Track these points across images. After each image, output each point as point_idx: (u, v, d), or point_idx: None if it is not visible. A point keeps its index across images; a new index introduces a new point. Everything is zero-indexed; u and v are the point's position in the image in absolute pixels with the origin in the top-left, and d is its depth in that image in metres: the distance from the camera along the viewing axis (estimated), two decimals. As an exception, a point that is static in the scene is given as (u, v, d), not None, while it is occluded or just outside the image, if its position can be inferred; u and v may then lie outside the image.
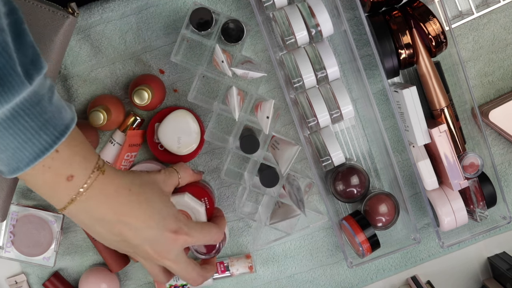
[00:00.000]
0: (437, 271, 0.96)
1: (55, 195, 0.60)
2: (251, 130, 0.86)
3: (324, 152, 0.84)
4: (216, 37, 0.81)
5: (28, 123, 0.53)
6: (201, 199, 0.80)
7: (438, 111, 0.85)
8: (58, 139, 0.56)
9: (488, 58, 0.90)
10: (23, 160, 0.55)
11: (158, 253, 0.66)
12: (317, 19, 0.79)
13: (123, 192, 0.64)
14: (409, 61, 0.83)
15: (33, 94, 0.53)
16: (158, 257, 0.67)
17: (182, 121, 0.85)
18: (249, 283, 0.95)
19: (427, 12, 0.81)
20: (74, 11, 0.76)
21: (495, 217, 0.89)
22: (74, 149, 0.59)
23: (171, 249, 0.67)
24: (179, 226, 0.67)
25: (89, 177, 0.61)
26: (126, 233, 0.64)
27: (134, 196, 0.65)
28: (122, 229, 0.64)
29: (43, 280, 0.92)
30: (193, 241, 0.69)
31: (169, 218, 0.67)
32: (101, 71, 0.88)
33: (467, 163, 0.85)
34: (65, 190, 0.60)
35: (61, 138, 0.56)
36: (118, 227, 0.64)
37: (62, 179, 0.59)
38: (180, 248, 0.68)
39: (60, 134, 0.56)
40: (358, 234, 0.85)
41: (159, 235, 0.65)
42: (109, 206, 0.63)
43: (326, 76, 0.82)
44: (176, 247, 0.67)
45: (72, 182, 0.59)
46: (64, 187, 0.60)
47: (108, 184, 0.63)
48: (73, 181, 0.60)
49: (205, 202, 0.81)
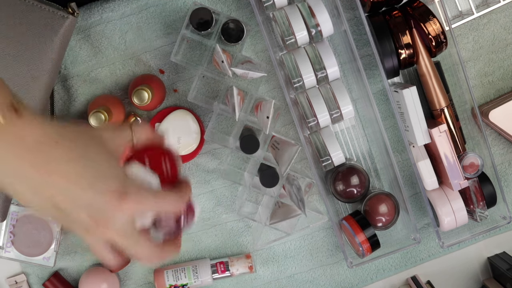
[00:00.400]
0: (437, 271, 0.96)
1: None
2: (251, 130, 0.86)
3: (324, 152, 0.84)
4: (216, 37, 0.81)
5: None
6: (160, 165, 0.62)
7: (438, 111, 0.85)
8: None
9: (488, 58, 0.90)
10: None
11: (97, 221, 0.51)
12: (317, 19, 0.79)
13: (47, 144, 0.50)
14: (409, 61, 0.83)
15: None
16: (99, 227, 0.52)
17: (182, 121, 0.85)
18: (249, 283, 0.95)
19: (427, 12, 0.81)
20: (74, 11, 0.76)
21: (495, 217, 0.89)
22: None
23: (115, 216, 0.52)
24: (125, 188, 0.52)
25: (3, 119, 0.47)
26: (56, 196, 0.50)
27: (62, 150, 0.51)
28: (50, 191, 0.50)
29: (43, 280, 0.92)
30: (142, 208, 0.54)
31: (111, 179, 0.52)
32: (101, 71, 0.88)
33: (467, 163, 0.85)
34: None
35: None
36: (45, 188, 0.50)
37: None
38: (126, 216, 0.52)
39: None
40: (358, 234, 0.85)
41: (97, 198, 0.51)
42: (28, 160, 0.49)
43: (326, 76, 0.82)
44: (121, 214, 0.52)
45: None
46: None
47: (27, 131, 0.49)
48: None
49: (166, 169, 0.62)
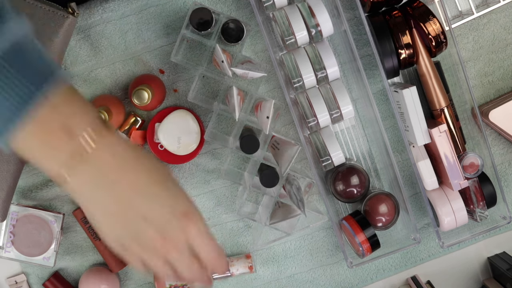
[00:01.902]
0: (437, 271, 0.96)
1: (56, 154, 0.51)
2: (251, 130, 0.86)
3: (324, 152, 0.84)
4: (216, 37, 0.81)
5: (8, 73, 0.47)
6: None
7: (438, 111, 0.85)
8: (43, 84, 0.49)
9: (488, 58, 0.90)
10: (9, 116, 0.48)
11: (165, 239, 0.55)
12: (317, 19, 0.79)
13: (132, 158, 0.54)
14: (409, 61, 0.83)
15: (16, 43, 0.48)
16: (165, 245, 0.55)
17: (182, 121, 0.85)
18: (249, 283, 0.95)
19: (427, 12, 0.81)
20: (74, 11, 0.76)
21: (495, 217, 0.89)
22: (74, 100, 0.51)
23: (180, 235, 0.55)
24: (190, 208, 0.56)
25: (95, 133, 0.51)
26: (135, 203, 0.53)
27: (144, 165, 0.55)
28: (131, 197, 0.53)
29: (43, 280, 0.92)
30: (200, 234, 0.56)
31: (182, 201, 0.56)
32: (101, 71, 0.88)
33: (467, 163, 0.85)
34: (68, 145, 0.50)
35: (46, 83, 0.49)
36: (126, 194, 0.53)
37: (62, 133, 0.50)
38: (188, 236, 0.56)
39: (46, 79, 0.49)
40: (358, 234, 0.85)
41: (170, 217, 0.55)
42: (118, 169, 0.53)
43: (326, 76, 0.82)
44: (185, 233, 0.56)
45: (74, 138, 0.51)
46: (65, 143, 0.50)
47: (120, 144, 0.53)
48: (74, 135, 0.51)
49: None
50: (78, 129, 0.51)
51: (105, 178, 0.53)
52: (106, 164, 0.53)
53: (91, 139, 0.51)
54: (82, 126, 0.51)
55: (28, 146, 0.51)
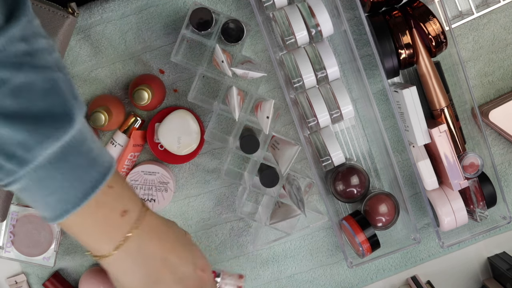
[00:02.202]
0: (437, 271, 0.96)
1: (107, 234, 0.57)
2: (251, 130, 0.86)
3: (324, 152, 0.84)
4: (216, 37, 0.81)
5: (77, 161, 0.52)
6: None
7: (438, 111, 0.85)
8: (106, 175, 0.54)
9: (488, 58, 0.90)
10: (72, 200, 0.53)
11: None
12: (317, 19, 0.79)
13: (165, 228, 0.63)
14: (409, 61, 0.83)
15: (80, 132, 0.52)
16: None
17: (182, 121, 0.85)
18: (249, 283, 0.95)
19: (427, 12, 0.81)
20: (74, 11, 0.76)
21: (495, 217, 0.89)
22: (123, 184, 0.58)
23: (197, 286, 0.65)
24: (206, 263, 0.66)
25: (141, 211, 0.59)
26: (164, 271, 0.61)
27: (173, 234, 0.63)
28: (163, 267, 0.61)
29: (43, 280, 0.92)
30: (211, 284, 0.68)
31: (198, 256, 0.66)
32: (101, 71, 0.88)
33: (467, 163, 0.85)
34: (119, 226, 0.57)
35: (108, 173, 0.54)
36: (159, 265, 0.61)
37: (117, 214, 0.56)
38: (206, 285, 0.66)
39: (107, 169, 0.54)
40: (358, 234, 0.85)
41: (192, 272, 0.64)
42: (158, 242, 0.61)
43: (326, 76, 0.82)
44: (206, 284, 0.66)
45: (126, 218, 0.57)
46: (118, 224, 0.57)
47: (155, 219, 0.61)
48: (127, 216, 0.57)
49: None
50: (133, 211, 0.58)
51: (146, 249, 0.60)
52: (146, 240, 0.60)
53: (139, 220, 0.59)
54: (136, 209, 0.58)
55: (79, 226, 0.56)
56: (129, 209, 0.57)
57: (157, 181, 0.87)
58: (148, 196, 0.88)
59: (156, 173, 0.87)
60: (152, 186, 0.88)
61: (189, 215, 0.93)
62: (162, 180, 0.87)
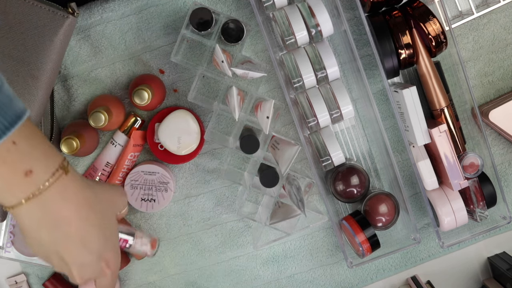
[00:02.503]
0: (437, 271, 0.96)
1: (8, 190, 0.55)
2: (251, 130, 0.86)
3: (324, 152, 0.84)
4: (216, 37, 0.81)
5: None
6: None
7: (438, 111, 0.85)
8: (8, 129, 0.51)
9: (488, 58, 0.90)
10: None
11: (82, 278, 0.63)
12: (317, 19, 0.79)
13: (86, 205, 0.60)
14: (409, 61, 0.83)
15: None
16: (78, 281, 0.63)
17: (182, 121, 0.85)
18: (249, 283, 0.95)
19: (427, 12, 0.81)
20: (74, 11, 0.76)
21: (495, 217, 0.89)
22: (33, 143, 0.55)
23: (93, 278, 0.64)
24: (113, 258, 0.64)
25: (52, 175, 0.56)
26: (66, 246, 0.60)
27: (92, 214, 0.61)
28: (67, 244, 0.60)
29: (43, 280, 0.92)
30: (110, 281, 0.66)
31: (109, 248, 0.64)
32: (101, 71, 0.88)
33: (467, 163, 0.85)
34: (21, 186, 0.55)
35: (10, 128, 0.51)
36: (63, 240, 0.59)
37: (19, 173, 0.54)
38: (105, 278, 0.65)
39: (10, 123, 0.51)
40: (358, 234, 0.85)
41: (94, 262, 0.62)
42: (68, 215, 0.59)
43: (326, 76, 0.82)
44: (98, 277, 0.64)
45: (30, 178, 0.54)
46: (20, 183, 0.54)
47: (72, 189, 0.59)
48: (32, 177, 0.54)
49: None
50: (40, 172, 0.55)
51: (51, 217, 0.58)
52: (55, 205, 0.57)
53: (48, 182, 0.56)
54: (46, 170, 0.56)
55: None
56: (36, 170, 0.55)
57: (157, 181, 0.87)
58: (148, 196, 0.88)
59: (156, 173, 0.87)
60: (152, 186, 0.88)
61: (189, 215, 0.93)
62: (162, 180, 0.87)
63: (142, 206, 0.88)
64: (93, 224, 0.61)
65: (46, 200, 0.56)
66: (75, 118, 0.89)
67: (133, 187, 0.87)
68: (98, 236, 0.62)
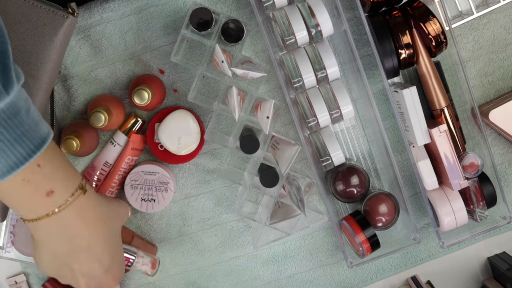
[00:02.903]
0: (437, 271, 0.96)
1: (30, 208, 0.59)
2: (251, 130, 0.86)
3: (324, 152, 0.84)
4: (216, 37, 0.81)
5: (3, 135, 0.51)
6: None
7: (438, 111, 0.85)
8: (34, 152, 0.54)
9: (488, 58, 0.90)
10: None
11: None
12: (317, 19, 0.79)
13: (99, 222, 0.64)
14: (409, 61, 0.83)
15: (11, 105, 0.51)
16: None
17: (182, 121, 0.85)
18: (249, 283, 0.95)
19: (427, 12, 0.81)
20: (74, 11, 0.76)
21: (495, 217, 0.89)
22: (55, 165, 0.58)
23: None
24: (119, 275, 0.69)
25: (71, 195, 0.60)
26: (76, 258, 0.64)
27: (104, 230, 0.65)
28: (75, 254, 0.63)
29: (43, 280, 0.92)
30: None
31: (116, 264, 0.68)
32: (101, 71, 0.88)
33: (467, 163, 0.85)
34: (43, 204, 0.59)
35: (36, 152, 0.54)
36: (76, 253, 0.63)
37: (42, 193, 0.58)
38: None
39: (36, 147, 0.54)
40: (358, 234, 0.85)
41: (102, 275, 0.66)
42: (83, 231, 0.63)
43: (326, 76, 0.82)
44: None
45: (51, 198, 0.58)
46: (41, 202, 0.58)
47: (88, 207, 0.63)
48: (53, 197, 0.59)
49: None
50: (61, 193, 0.59)
51: (67, 232, 0.62)
52: (71, 222, 0.61)
53: (67, 202, 0.60)
54: (66, 191, 0.60)
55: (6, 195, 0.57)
56: (57, 190, 0.58)
57: (157, 181, 0.87)
58: (148, 196, 0.88)
59: (156, 173, 0.87)
60: (152, 186, 0.88)
61: (189, 215, 0.93)
62: (162, 180, 0.87)
63: (142, 206, 0.88)
64: (105, 239, 0.65)
65: (64, 217, 0.60)
66: (75, 118, 0.89)
67: (133, 187, 0.87)
68: (109, 250, 0.66)
